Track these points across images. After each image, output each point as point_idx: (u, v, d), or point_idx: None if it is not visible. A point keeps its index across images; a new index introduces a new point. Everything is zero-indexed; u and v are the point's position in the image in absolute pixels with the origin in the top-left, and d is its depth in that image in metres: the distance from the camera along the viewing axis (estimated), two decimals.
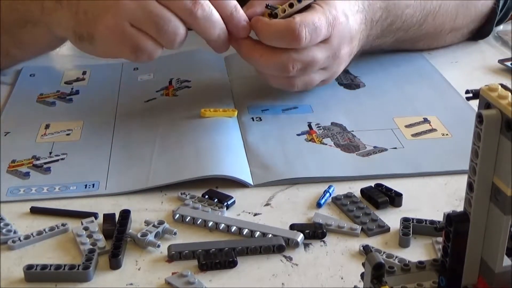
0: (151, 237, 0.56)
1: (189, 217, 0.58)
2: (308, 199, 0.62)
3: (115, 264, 0.53)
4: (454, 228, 0.43)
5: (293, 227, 0.57)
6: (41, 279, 0.52)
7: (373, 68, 0.89)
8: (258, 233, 0.57)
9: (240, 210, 0.61)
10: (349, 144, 0.71)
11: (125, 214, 0.58)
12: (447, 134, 0.73)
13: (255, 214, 0.60)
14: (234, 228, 0.57)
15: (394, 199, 0.61)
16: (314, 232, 0.57)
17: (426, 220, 0.57)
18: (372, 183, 0.63)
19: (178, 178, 0.63)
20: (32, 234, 0.57)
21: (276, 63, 0.70)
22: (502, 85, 0.41)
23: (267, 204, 0.62)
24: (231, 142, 0.70)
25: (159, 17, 0.65)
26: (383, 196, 0.61)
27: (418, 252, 0.55)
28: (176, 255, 0.54)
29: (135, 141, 0.71)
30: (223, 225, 0.57)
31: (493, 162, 0.41)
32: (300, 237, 0.56)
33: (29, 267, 0.52)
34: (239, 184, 0.64)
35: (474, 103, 0.45)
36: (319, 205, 0.61)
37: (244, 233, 0.57)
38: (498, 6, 0.95)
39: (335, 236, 0.57)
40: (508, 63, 0.90)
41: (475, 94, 0.42)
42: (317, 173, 0.66)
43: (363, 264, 0.44)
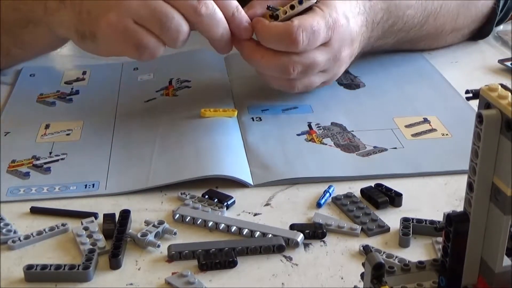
0: (151, 237, 0.56)
1: (189, 217, 0.58)
2: (308, 199, 0.62)
3: (115, 264, 0.53)
4: (454, 228, 0.43)
5: (293, 227, 0.57)
6: (41, 279, 0.52)
7: (373, 68, 0.89)
8: (258, 233, 0.57)
9: (240, 210, 0.61)
10: (349, 144, 0.71)
11: (125, 214, 0.58)
12: (447, 134, 0.73)
13: (255, 214, 0.60)
14: (234, 228, 0.57)
15: (394, 199, 0.61)
16: (314, 232, 0.57)
17: (426, 220, 0.57)
18: (372, 183, 0.63)
19: (178, 178, 0.63)
20: (32, 234, 0.57)
21: (277, 65, 0.70)
22: (502, 85, 0.41)
23: (267, 204, 0.62)
24: (231, 142, 0.70)
25: (163, 14, 0.65)
26: (383, 196, 0.61)
27: (418, 252, 0.55)
28: (176, 255, 0.54)
29: (135, 141, 0.71)
30: (223, 225, 0.57)
31: (493, 162, 0.41)
32: (300, 237, 0.56)
33: (29, 267, 0.52)
34: (239, 184, 0.64)
35: (474, 103, 0.45)
36: (319, 205, 0.61)
37: (244, 233, 0.57)
38: (498, 6, 0.95)
39: (335, 236, 0.57)
40: (508, 63, 0.90)
41: (475, 94, 0.42)
42: (317, 173, 0.66)
43: (363, 264, 0.44)
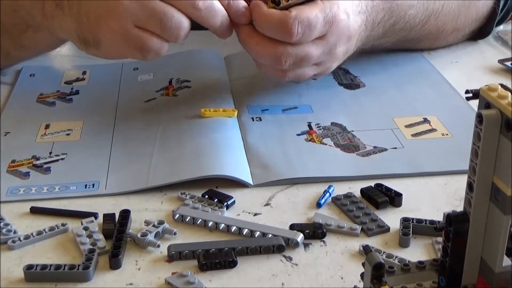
0: (151, 237, 0.56)
1: (189, 217, 0.58)
2: (308, 199, 0.62)
3: (115, 264, 0.53)
4: (454, 228, 0.43)
5: (293, 227, 0.57)
6: (41, 279, 0.52)
7: (373, 68, 0.89)
8: (258, 233, 0.57)
9: (240, 210, 0.61)
10: (349, 144, 0.71)
11: (125, 214, 0.58)
12: (447, 134, 0.73)
13: (255, 214, 0.60)
14: (234, 228, 0.57)
15: (394, 199, 0.61)
16: (314, 232, 0.57)
17: (426, 220, 0.57)
18: (372, 183, 0.63)
19: (178, 178, 0.63)
20: (32, 234, 0.57)
21: (270, 55, 0.70)
22: (502, 85, 0.41)
23: (267, 204, 0.62)
24: (231, 142, 0.70)
25: (162, 14, 0.65)
26: (383, 196, 0.61)
27: (418, 252, 0.55)
28: (176, 255, 0.54)
29: (135, 141, 0.71)
30: (223, 225, 0.57)
31: (493, 162, 0.41)
32: (300, 237, 0.56)
33: (29, 267, 0.52)
34: (239, 184, 0.64)
35: (474, 103, 0.45)
36: (319, 205, 0.61)
37: (244, 233, 0.57)
38: (499, 6, 0.95)
39: (335, 236, 0.57)
40: (508, 63, 0.90)
41: (475, 94, 0.42)
42: (317, 173, 0.66)
43: (363, 264, 0.44)
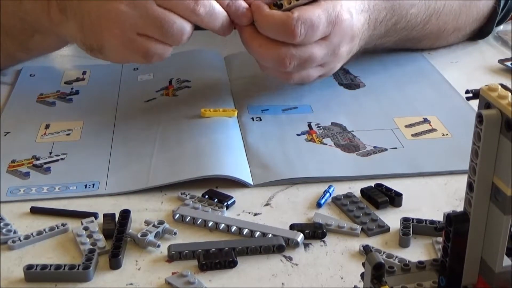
0: (151, 237, 0.56)
1: (189, 217, 0.58)
2: (308, 199, 0.62)
3: (115, 264, 0.53)
4: (454, 228, 0.43)
5: (293, 227, 0.57)
6: (41, 279, 0.52)
7: (373, 68, 0.89)
8: (258, 233, 0.56)
9: (240, 210, 0.61)
10: (349, 144, 0.71)
11: (125, 214, 0.58)
12: (447, 134, 0.73)
13: (255, 214, 0.60)
14: (234, 228, 0.57)
15: (394, 199, 0.61)
16: (314, 232, 0.57)
17: (426, 220, 0.57)
18: (372, 183, 0.63)
19: (178, 178, 0.63)
20: (32, 234, 0.57)
21: (274, 57, 0.70)
22: (502, 85, 0.41)
23: (267, 204, 0.62)
24: (231, 142, 0.70)
25: (164, 21, 0.65)
26: (383, 196, 0.61)
27: (418, 252, 0.55)
28: (176, 255, 0.54)
29: (135, 141, 0.71)
30: (223, 225, 0.57)
31: (493, 162, 0.41)
32: (300, 237, 0.56)
33: (29, 267, 0.52)
34: (239, 184, 0.64)
35: (474, 103, 0.45)
36: (319, 205, 0.61)
37: (244, 233, 0.57)
38: (499, 6, 0.95)
39: (335, 236, 0.57)
40: (508, 63, 0.90)
41: (475, 94, 0.42)
42: (317, 173, 0.66)
43: (363, 264, 0.44)
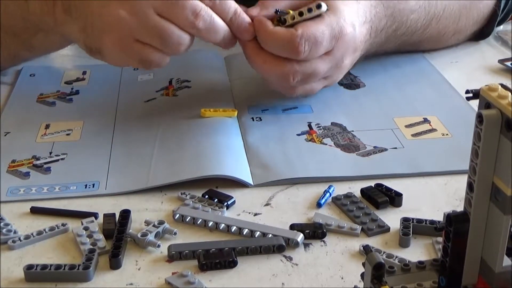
0: (151, 237, 0.56)
1: (189, 217, 0.58)
2: (308, 199, 0.62)
3: (115, 264, 0.53)
4: (454, 228, 0.43)
5: (293, 227, 0.57)
6: (41, 279, 0.52)
7: (373, 68, 0.89)
8: (258, 233, 0.56)
9: (240, 210, 0.61)
10: (349, 144, 0.71)
11: (125, 214, 0.58)
12: (447, 134, 0.73)
13: (255, 214, 0.60)
14: (234, 228, 0.57)
15: (394, 199, 0.61)
16: (314, 232, 0.57)
17: (426, 220, 0.57)
18: (372, 183, 0.63)
19: (178, 178, 0.63)
20: (32, 234, 0.57)
21: (278, 73, 0.70)
22: (502, 85, 0.41)
23: (267, 204, 0.62)
24: (231, 142, 0.70)
25: (162, 31, 0.66)
26: (383, 196, 0.61)
27: (418, 252, 0.55)
28: (176, 255, 0.54)
29: (135, 141, 0.71)
30: (223, 225, 0.57)
31: (493, 162, 0.41)
32: (300, 237, 0.56)
33: (29, 267, 0.52)
34: (239, 184, 0.64)
35: (474, 103, 0.45)
36: (319, 205, 0.61)
37: (244, 233, 0.57)
38: (500, 7, 0.95)
39: (335, 236, 0.57)
40: (508, 63, 0.90)
41: (475, 94, 0.42)
42: (317, 173, 0.66)
43: (363, 264, 0.44)
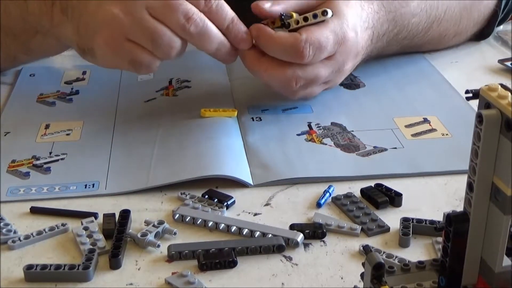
0: (151, 237, 0.56)
1: (189, 217, 0.58)
2: (308, 199, 0.62)
3: (115, 264, 0.53)
4: (454, 228, 0.43)
5: (293, 227, 0.57)
6: (41, 279, 0.52)
7: (373, 68, 0.89)
8: (258, 233, 0.56)
9: (240, 210, 0.61)
10: (349, 144, 0.71)
11: (125, 214, 0.58)
12: (447, 134, 0.73)
13: (255, 214, 0.60)
14: (234, 228, 0.57)
15: (394, 199, 0.61)
16: (314, 232, 0.57)
17: (426, 220, 0.57)
18: (372, 183, 0.63)
19: (178, 178, 0.63)
20: (32, 234, 0.57)
21: (280, 79, 0.71)
22: (502, 85, 0.41)
23: (267, 204, 0.62)
24: (231, 142, 0.70)
25: (153, 32, 0.66)
26: (383, 196, 0.61)
27: (418, 252, 0.55)
28: (176, 255, 0.54)
29: (135, 141, 0.71)
30: (223, 225, 0.57)
31: (493, 162, 0.41)
32: (300, 237, 0.56)
33: (29, 267, 0.52)
34: (239, 184, 0.64)
35: (474, 103, 0.45)
36: (319, 205, 0.61)
37: (244, 233, 0.57)
38: (500, 8, 0.95)
39: (335, 236, 0.57)
40: (508, 63, 0.90)
41: (475, 94, 0.42)
42: (317, 173, 0.66)
43: (363, 264, 0.44)
